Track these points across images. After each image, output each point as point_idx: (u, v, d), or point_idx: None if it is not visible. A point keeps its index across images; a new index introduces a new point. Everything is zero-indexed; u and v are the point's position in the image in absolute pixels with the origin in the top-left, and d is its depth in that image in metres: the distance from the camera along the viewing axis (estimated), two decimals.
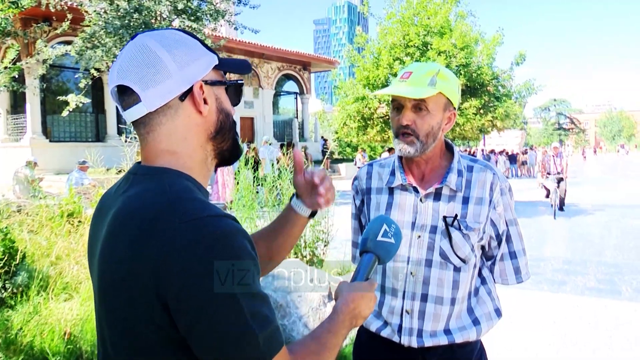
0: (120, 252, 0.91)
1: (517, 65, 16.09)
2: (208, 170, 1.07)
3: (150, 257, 0.86)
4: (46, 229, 5.28)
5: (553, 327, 4.71)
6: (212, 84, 1.05)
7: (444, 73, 1.62)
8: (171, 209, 0.90)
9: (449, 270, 1.63)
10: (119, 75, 0.99)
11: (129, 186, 1.01)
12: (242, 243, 0.90)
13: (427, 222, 1.65)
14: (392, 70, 15.21)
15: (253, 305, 0.88)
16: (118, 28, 10.78)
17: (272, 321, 0.90)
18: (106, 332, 0.98)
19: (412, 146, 1.61)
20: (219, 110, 1.06)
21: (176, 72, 0.98)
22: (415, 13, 15.76)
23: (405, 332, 1.66)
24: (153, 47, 0.99)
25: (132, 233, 0.91)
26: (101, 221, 1.03)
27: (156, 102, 0.98)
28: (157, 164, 1.01)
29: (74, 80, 14.13)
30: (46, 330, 3.52)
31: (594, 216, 11.90)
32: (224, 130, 1.07)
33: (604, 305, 5.28)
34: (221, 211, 0.93)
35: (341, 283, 1.17)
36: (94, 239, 1.06)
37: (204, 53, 1.04)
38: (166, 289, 0.85)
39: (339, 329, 1.08)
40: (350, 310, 1.11)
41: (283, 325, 3.86)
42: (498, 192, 1.65)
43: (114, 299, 0.93)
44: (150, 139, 1.02)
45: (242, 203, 5.50)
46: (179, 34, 1.04)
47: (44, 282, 4.23)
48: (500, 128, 16.82)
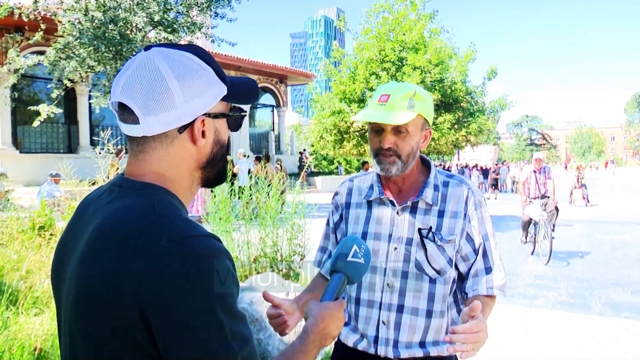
0: (103, 267, 0.89)
1: (489, 79, 16.40)
2: (192, 194, 1.07)
3: (134, 274, 0.86)
4: (16, 242, 5.18)
5: (526, 340, 4.80)
6: (215, 117, 1.04)
7: (420, 94, 1.66)
8: (158, 227, 0.90)
9: (424, 282, 1.66)
10: (124, 91, 0.97)
11: (113, 198, 0.99)
12: (226, 264, 0.91)
13: (403, 234, 1.68)
14: (368, 84, 15.36)
15: (233, 325, 0.88)
16: (93, 39, 10.68)
17: (250, 341, 0.91)
18: (79, 348, 0.94)
19: (393, 166, 1.65)
20: (215, 143, 1.05)
21: (182, 105, 0.97)
22: (390, 29, 15.99)
23: (382, 343, 1.69)
24: (164, 72, 0.96)
25: (116, 248, 0.89)
26: (79, 231, 1.00)
27: (154, 129, 0.97)
28: (144, 180, 1.00)
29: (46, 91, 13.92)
30: (15, 345, 3.43)
31: (565, 231, 12.15)
32: (215, 161, 1.07)
33: (574, 319, 5.39)
34: (207, 231, 0.93)
35: (310, 302, 1.19)
36: (67, 248, 1.02)
37: (214, 84, 1.02)
38: (149, 307, 0.85)
39: (310, 349, 1.09)
40: (320, 330, 1.12)
41: (259, 339, 3.85)
42: (472, 206, 1.70)
43: (92, 315, 0.91)
44: (141, 158, 1.01)
45: (218, 216, 5.47)
46: (193, 60, 1.00)
47: (13, 296, 4.13)
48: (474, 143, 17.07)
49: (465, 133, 15.83)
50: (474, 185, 1.78)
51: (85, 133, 19.17)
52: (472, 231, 1.69)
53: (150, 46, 1.02)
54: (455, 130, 15.71)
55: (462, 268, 1.72)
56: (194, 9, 11.87)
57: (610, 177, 47.82)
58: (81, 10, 10.68)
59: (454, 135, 15.65)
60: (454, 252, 1.67)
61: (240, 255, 5.29)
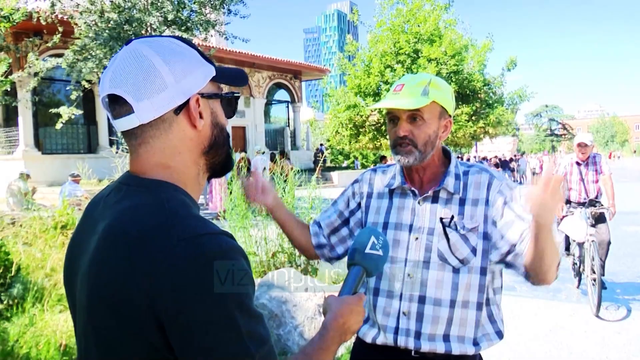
0: (114, 269, 0.87)
1: (508, 70, 16.26)
2: (200, 185, 1.04)
3: (146, 275, 0.83)
4: (40, 240, 5.30)
5: (548, 335, 4.71)
6: (209, 97, 1.00)
7: (436, 82, 1.65)
8: (169, 226, 0.87)
9: (447, 272, 1.63)
10: (112, 83, 0.94)
11: (121, 197, 0.96)
12: (240, 261, 0.89)
13: (424, 224, 1.67)
14: (383, 77, 15.34)
15: (249, 325, 0.86)
16: (108, 40, 10.83)
17: (267, 340, 0.89)
18: (93, 352, 0.93)
19: (410, 155, 1.64)
20: (213, 125, 1.02)
21: (172, 84, 0.94)
22: (405, 21, 15.92)
23: (402, 333, 1.66)
24: (149, 55, 0.94)
25: (126, 249, 0.87)
26: (88, 231, 0.98)
27: (150, 114, 0.94)
28: (151, 176, 0.97)
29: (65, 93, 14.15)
30: (42, 341, 3.54)
31: None
32: (217, 145, 1.03)
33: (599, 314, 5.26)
34: (218, 228, 0.91)
35: (329, 297, 1.16)
36: (77, 249, 1.00)
37: (201, 64, 0.99)
38: (162, 308, 0.82)
39: (329, 345, 1.07)
40: (339, 325, 1.10)
41: (278, 335, 3.87)
42: (496, 192, 1.66)
43: (105, 317, 0.88)
44: (142, 151, 0.97)
45: (235, 212, 5.53)
46: (176, 43, 0.99)
47: (39, 294, 4.24)
48: (493, 135, 16.96)
49: (483, 125, 15.72)
50: (497, 172, 1.75)
51: (104, 133, 19.45)
52: (497, 216, 1.64)
53: (130, 40, 0.99)
54: (473, 122, 15.61)
55: (495, 257, 1.64)
56: (207, 6, 11.95)
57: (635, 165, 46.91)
58: (97, 11, 10.84)
59: (472, 127, 15.55)
60: (478, 241, 1.64)
61: (258, 251, 5.34)
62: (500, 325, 1.71)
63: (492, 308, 1.71)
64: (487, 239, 1.64)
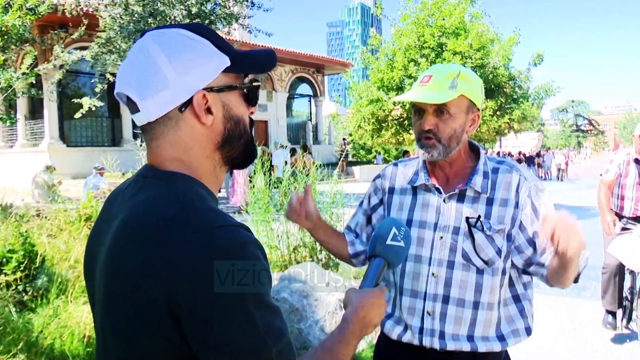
0: (130, 263, 0.87)
1: (535, 65, 15.95)
2: (217, 178, 1.03)
3: (161, 269, 0.83)
4: (65, 232, 5.37)
5: (574, 334, 4.65)
6: (219, 91, 0.97)
7: (465, 74, 1.60)
8: (184, 218, 0.86)
9: (471, 273, 1.61)
10: (121, 81, 0.96)
11: (138, 190, 0.96)
12: (256, 254, 0.88)
13: (449, 223, 1.64)
14: (407, 72, 15.18)
15: (266, 318, 0.86)
16: (133, 32, 10.91)
17: (285, 334, 0.88)
18: (111, 346, 0.93)
19: (434, 149, 1.60)
20: (226, 119, 0.99)
21: (174, 82, 0.92)
22: (430, 14, 15.72)
23: (427, 333, 1.65)
24: (153, 52, 0.93)
25: (142, 243, 0.86)
26: (107, 225, 0.98)
27: (154, 112, 0.94)
28: (167, 168, 0.96)
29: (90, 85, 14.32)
30: (66, 333, 3.58)
31: None
32: (232, 139, 1.00)
33: None
34: (235, 221, 0.90)
35: (349, 290, 1.13)
36: (96, 243, 1.00)
37: (211, 56, 0.96)
38: (178, 303, 0.82)
39: (350, 339, 1.04)
40: (360, 318, 1.07)
41: (299, 329, 3.87)
42: (525, 193, 1.62)
43: (121, 311, 0.89)
44: (154, 146, 0.98)
45: (257, 206, 5.54)
46: (186, 36, 0.96)
47: (63, 285, 4.30)
48: (517, 130, 16.69)
49: (508, 120, 15.48)
50: (527, 171, 1.70)
51: (128, 126, 19.67)
52: (526, 220, 1.61)
53: (145, 32, 0.99)
54: (497, 117, 15.38)
55: (518, 261, 1.63)
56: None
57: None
58: (121, 4, 10.93)
59: (496, 122, 15.32)
60: (504, 242, 1.60)
61: (279, 245, 5.34)
62: (530, 321, 1.69)
63: (525, 304, 1.69)
64: (511, 241, 1.61)
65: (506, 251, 1.61)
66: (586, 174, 31.67)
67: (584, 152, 68.21)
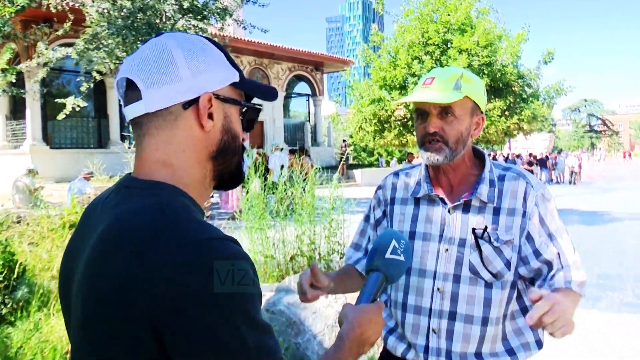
0: (111, 276, 0.85)
1: (545, 64, 15.96)
2: (205, 190, 1.04)
3: (144, 283, 0.82)
4: (47, 240, 5.33)
5: (588, 346, 4.65)
6: (225, 101, 1.01)
7: (468, 76, 1.63)
8: (169, 230, 0.86)
9: (479, 287, 1.60)
10: (128, 67, 0.98)
11: (119, 200, 0.96)
12: (245, 268, 0.87)
13: (455, 234, 1.63)
14: (410, 70, 15.17)
15: (257, 337, 0.85)
16: (121, 28, 10.91)
17: (276, 352, 0.87)
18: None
19: (440, 153, 1.60)
20: (224, 130, 1.02)
21: (187, 79, 0.96)
22: (434, 9, 15.72)
23: (433, 353, 1.64)
24: (171, 47, 0.97)
25: (124, 255, 0.85)
26: (85, 238, 0.97)
27: (156, 103, 0.95)
28: (152, 177, 0.97)
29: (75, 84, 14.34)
30: (47, 348, 3.54)
31: (630, 226, 11.68)
32: (226, 152, 1.03)
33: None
34: (222, 233, 0.90)
35: (345, 305, 1.12)
36: (72, 260, 0.99)
37: (225, 67, 1.02)
38: (162, 319, 0.81)
39: (346, 357, 1.04)
40: (357, 336, 1.06)
41: (297, 343, 3.85)
42: (532, 202, 1.62)
43: (101, 330, 0.87)
44: (146, 143, 0.98)
45: (252, 213, 5.51)
46: (205, 43, 1.01)
47: (45, 297, 4.27)
48: (527, 131, 16.69)
49: (518, 120, 15.47)
50: (534, 178, 1.70)
51: (115, 127, 19.68)
52: (533, 230, 1.61)
53: (160, 33, 1.03)
54: (506, 118, 15.37)
55: (524, 272, 1.63)
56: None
57: None
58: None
59: (505, 123, 15.31)
60: (512, 254, 1.60)
61: (276, 254, 5.31)
62: (540, 334, 1.69)
63: None
64: (519, 252, 1.61)
65: (515, 263, 1.62)
66: (600, 177, 31.71)
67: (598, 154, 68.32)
